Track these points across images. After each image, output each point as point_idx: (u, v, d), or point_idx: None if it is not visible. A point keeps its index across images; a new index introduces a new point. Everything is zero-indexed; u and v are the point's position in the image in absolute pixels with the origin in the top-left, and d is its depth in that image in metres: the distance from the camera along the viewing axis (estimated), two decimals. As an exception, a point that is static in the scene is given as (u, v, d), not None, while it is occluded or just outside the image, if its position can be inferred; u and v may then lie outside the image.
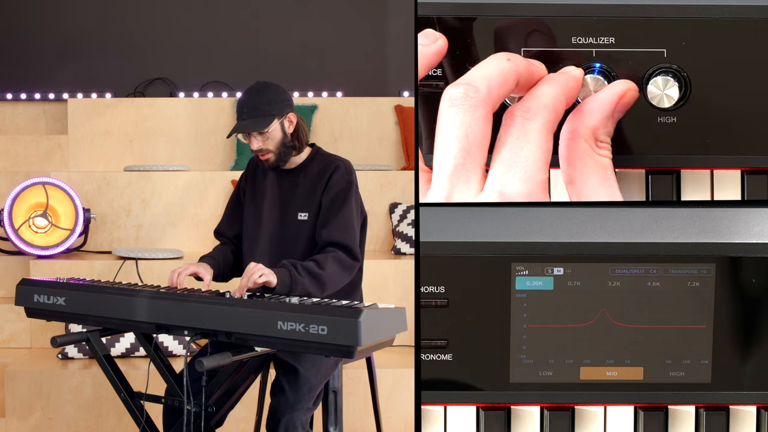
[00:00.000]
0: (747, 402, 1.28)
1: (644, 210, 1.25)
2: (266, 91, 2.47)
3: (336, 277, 2.39)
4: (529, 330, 1.26)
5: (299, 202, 2.51)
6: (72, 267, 3.88)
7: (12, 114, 5.13)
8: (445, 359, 1.26)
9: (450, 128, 1.16)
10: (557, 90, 1.20)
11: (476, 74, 1.19)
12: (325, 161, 2.54)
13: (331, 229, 2.43)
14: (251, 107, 2.45)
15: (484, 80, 1.18)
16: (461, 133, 1.16)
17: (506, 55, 1.20)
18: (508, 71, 1.19)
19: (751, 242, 1.24)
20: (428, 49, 1.24)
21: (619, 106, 1.21)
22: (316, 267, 2.35)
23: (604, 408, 1.29)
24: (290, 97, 2.53)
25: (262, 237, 2.54)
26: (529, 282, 1.26)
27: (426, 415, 1.28)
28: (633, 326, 1.27)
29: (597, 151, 1.19)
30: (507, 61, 1.19)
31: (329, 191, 2.48)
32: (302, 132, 2.53)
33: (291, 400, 2.32)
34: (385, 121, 4.89)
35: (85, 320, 2.23)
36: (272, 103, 2.45)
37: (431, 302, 1.26)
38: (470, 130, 1.16)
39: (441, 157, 1.17)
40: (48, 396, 3.37)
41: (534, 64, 1.22)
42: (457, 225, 1.24)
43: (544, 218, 1.25)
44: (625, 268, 1.26)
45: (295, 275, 2.30)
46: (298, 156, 2.55)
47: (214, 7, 5.48)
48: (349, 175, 2.51)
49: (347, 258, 2.41)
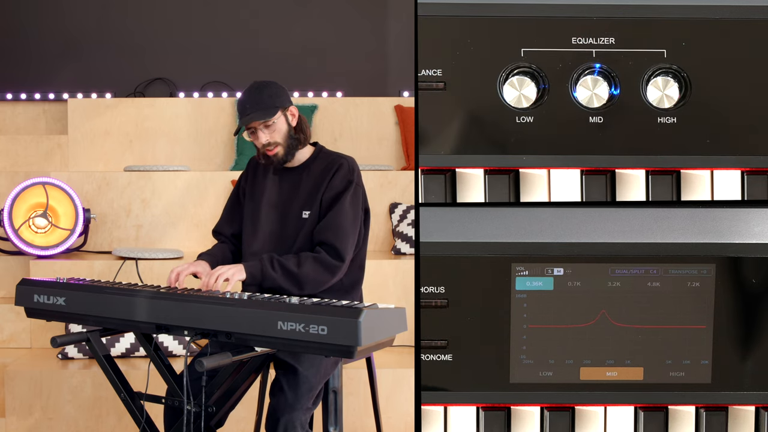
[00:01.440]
0: (747, 402, 1.28)
1: (644, 210, 1.25)
2: (266, 88, 2.51)
3: (315, 276, 2.40)
4: (529, 330, 1.26)
5: (303, 200, 2.52)
6: (72, 267, 3.88)
7: (12, 114, 5.13)
8: (445, 359, 1.26)
9: None
10: None
11: None
12: (328, 159, 2.56)
13: (322, 228, 2.46)
14: (254, 102, 2.48)
15: None
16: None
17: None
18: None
19: (751, 242, 1.24)
20: None
21: None
22: (294, 265, 2.38)
23: (604, 408, 1.29)
24: (288, 93, 2.57)
25: (261, 235, 2.55)
26: (529, 282, 1.26)
27: (426, 415, 1.28)
28: (633, 326, 1.27)
29: None
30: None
31: (330, 190, 2.49)
32: (305, 125, 2.57)
33: (290, 399, 2.32)
34: (385, 121, 4.89)
35: (85, 320, 2.23)
36: (273, 97, 2.49)
37: (431, 302, 1.26)
38: None
39: None
40: (48, 396, 3.37)
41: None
42: (457, 225, 1.24)
43: (544, 218, 1.25)
44: (625, 268, 1.26)
45: (267, 270, 2.36)
46: (302, 153, 2.56)
47: (214, 7, 5.48)
48: (351, 174, 2.51)
49: (330, 259, 2.42)
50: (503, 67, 1.23)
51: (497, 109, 1.25)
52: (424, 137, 1.27)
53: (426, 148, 1.27)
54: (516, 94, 1.25)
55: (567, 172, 1.26)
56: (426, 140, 1.27)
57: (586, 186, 1.26)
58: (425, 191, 1.26)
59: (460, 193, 1.26)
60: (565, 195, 1.24)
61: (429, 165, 1.26)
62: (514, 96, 1.25)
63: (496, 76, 1.23)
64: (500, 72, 1.23)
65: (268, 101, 2.47)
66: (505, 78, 1.24)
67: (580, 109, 1.26)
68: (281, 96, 2.52)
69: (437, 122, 1.25)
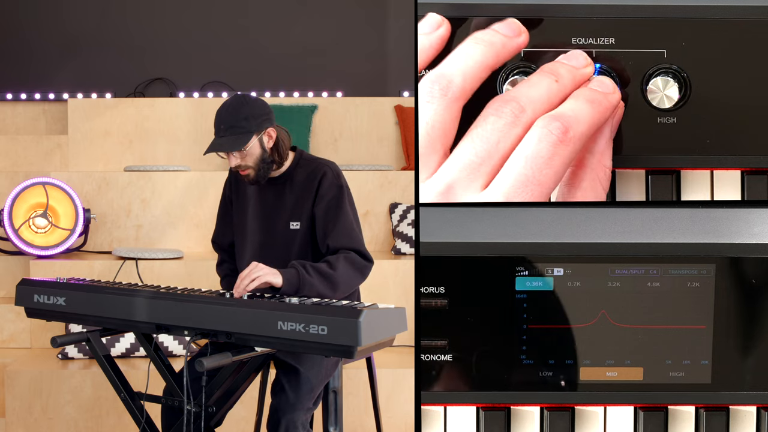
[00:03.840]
0: (747, 402, 1.28)
1: (644, 210, 1.25)
2: (244, 106, 2.40)
3: (348, 277, 2.37)
4: (529, 330, 1.26)
5: (289, 212, 2.47)
6: (72, 267, 3.88)
7: (12, 114, 5.13)
8: (445, 359, 1.26)
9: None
10: (597, 118, 1.16)
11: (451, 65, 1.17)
12: (310, 168, 2.49)
13: (336, 237, 2.40)
14: (228, 124, 2.38)
15: (459, 72, 1.17)
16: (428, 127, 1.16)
17: (481, 36, 1.19)
18: (483, 59, 1.17)
19: (751, 242, 1.24)
20: (429, 39, 1.23)
21: (614, 125, 1.21)
22: (327, 267, 2.33)
23: (604, 408, 1.29)
24: (270, 110, 2.46)
25: (250, 247, 2.53)
26: (529, 282, 1.26)
27: (426, 415, 1.28)
28: (633, 326, 1.27)
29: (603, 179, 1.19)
30: (481, 47, 1.18)
31: (321, 200, 2.44)
32: (282, 145, 2.46)
33: (292, 399, 2.32)
34: (385, 121, 4.89)
35: (85, 320, 2.23)
36: (250, 119, 2.38)
37: (431, 302, 1.26)
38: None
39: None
40: (48, 396, 3.37)
41: (514, 41, 1.20)
42: (457, 225, 1.24)
43: (544, 218, 1.25)
44: (625, 268, 1.26)
45: (303, 275, 2.28)
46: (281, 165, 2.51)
47: (214, 7, 5.48)
48: (338, 179, 2.47)
49: (360, 259, 2.41)
50: (504, 67, 1.23)
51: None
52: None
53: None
54: (516, 94, 1.25)
55: (567, 172, 1.26)
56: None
57: (586, 186, 1.25)
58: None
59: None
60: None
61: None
62: (514, 96, 1.25)
63: (497, 76, 1.23)
64: (501, 72, 1.23)
65: (244, 125, 2.37)
66: (505, 78, 1.24)
67: (580, 109, 1.26)
68: (259, 117, 2.40)
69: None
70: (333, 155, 4.78)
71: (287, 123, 4.60)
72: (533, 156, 1.13)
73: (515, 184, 1.13)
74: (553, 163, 1.13)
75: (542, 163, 1.12)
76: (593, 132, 1.17)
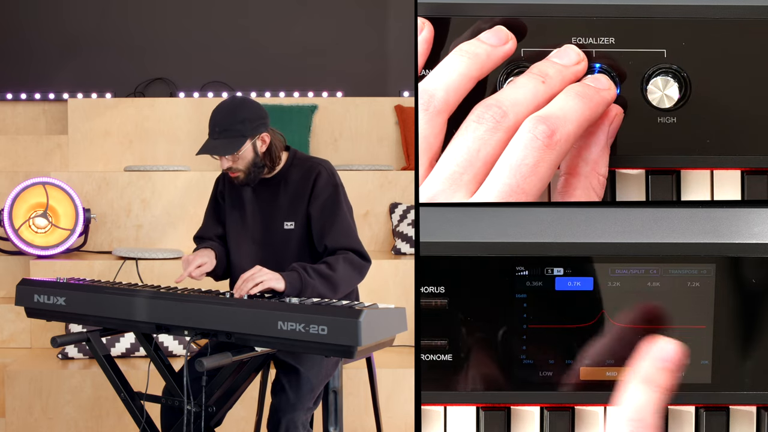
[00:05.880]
0: (747, 402, 1.28)
1: (644, 210, 1.25)
2: (239, 109, 2.39)
3: (348, 278, 2.37)
4: (529, 330, 1.26)
5: (284, 212, 2.47)
6: (72, 267, 3.88)
7: (12, 114, 5.13)
8: (445, 359, 1.26)
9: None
10: (588, 114, 1.14)
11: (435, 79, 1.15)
12: (304, 167, 2.49)
13: (333, 236, 2.40)
14: (223, 127, 2.37)
15: (442, 85, 1.16)
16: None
17: (466, 48, 1.18)
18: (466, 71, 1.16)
19: (751, 242, 1.24)
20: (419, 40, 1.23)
21: (611, 132, 1.20)
22: (327, 269, 2.33)
23: (604, 408, 1.29)
24: (265, 114, 2.45)
25: (245, 247, 2.52)
26: (529, 282, 1.26)
27: (426, 415, 1.28)
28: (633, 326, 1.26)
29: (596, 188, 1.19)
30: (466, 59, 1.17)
31: (316, 200, 2.44)
32: (275, 150, 2.46)
33: (292, 399, 2.32)
34: (385, 121, 4.89)
35: (85, 320, 2.23)
36: (245, 123, 2.37)
37: (431, 302, 1.26)
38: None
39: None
40: (48, 396, 3.37)
41: (500, 50, 1.19)
42: (457, 225, 1.24)
43: (544, 218, 1.25)
44: (625, 268, 1.26)
45: (305, 278, 2.27)
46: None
47: (214, 7, 5.48)
48: (333, 178, 2.47)
49: (358, 259, 2.41)
50: (503, 67, 1.23)
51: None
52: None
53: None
54: (516, 94, 1.25)
55: (567, 172, 1.26)
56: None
57: (586, 186, 1.25)
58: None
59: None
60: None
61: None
62: (514, 96, 1.25)
63: (497, 76, 1.23)
64: (500, 71, 1.23)
65: (239, 128, 2.36)
66: (505, 78, 1.24)
67: (580, 109, 1.25)
68: (254, 121, 2.39)
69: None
70: (333, 155, 4.78)
71: (287, 123, 4.60)
72: (517, 164, 1.11)
73: (499, 195, 1.12)
74: (539, 170, 1.11)
75: (527, 171, 1.11)
76: (583, 130, 1.15)
